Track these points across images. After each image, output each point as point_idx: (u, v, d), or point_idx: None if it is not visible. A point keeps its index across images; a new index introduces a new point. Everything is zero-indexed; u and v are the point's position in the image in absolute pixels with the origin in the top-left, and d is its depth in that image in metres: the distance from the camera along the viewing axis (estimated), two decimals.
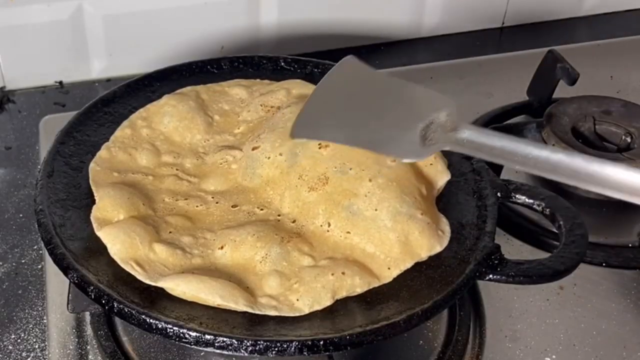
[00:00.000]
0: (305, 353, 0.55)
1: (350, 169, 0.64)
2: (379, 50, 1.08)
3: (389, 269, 0.62)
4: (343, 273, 0.60)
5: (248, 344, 0.54)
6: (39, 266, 0.75)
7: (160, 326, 0.55)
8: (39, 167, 0.67)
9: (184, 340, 0.55)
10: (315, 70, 0.81)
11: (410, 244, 0.62)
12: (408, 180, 0.65)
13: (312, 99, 0.62)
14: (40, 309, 0.71)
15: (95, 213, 0.63)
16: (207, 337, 0.55)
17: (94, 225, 0.62)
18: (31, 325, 0.69)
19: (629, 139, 0.84)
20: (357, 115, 0.60)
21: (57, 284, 0.70)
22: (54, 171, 0.67)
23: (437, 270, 0.63)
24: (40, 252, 0.76)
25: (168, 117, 0.73)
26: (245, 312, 0.57)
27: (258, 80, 0.80)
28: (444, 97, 0.60)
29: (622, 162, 0.51)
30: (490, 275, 0.61)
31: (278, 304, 0.58)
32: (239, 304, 0.57)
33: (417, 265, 0.63)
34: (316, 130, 0.61)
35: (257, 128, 0.72)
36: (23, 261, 0.75)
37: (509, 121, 0.90)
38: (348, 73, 0.64)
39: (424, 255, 0.63)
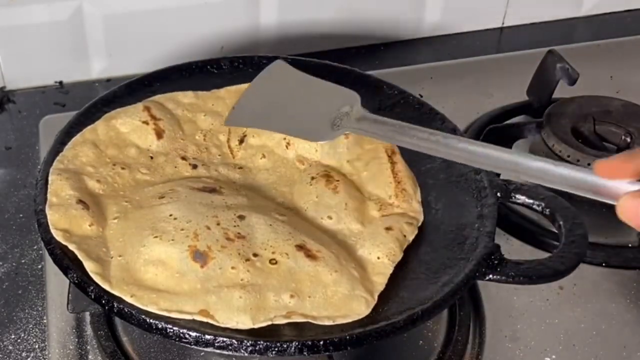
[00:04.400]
0: (305, 353, 0.55)
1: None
2: (379, 50, 1.08)
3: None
4: None
5: (248, 344, 0.54)
6: (39, 266, 0.75)
7: (160, 326, 0.55)
8: (39, 167, 0.67)
9: (184, 340, 0.55)
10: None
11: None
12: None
13: (244, 96, 0.74)
14: (40, 309, 0.71)
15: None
16: (207, 337, 0.55)
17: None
18: (31, 325, 0.69)
19: (628, 139, 0.84)
20: (280, 109, 0.71)
21: (57, 284, 0.70)
22: None
23: (437, 270, 0.63)
24: (40, 252, 0.76)
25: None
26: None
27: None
28: (350, 91, 0.70)
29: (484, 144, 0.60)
30: (490, 275, 0.61)
31: None
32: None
33: (417, 266, 0.63)
34: (246, 119, 0.72)
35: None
36: (23, 261, 0.75)
37: (509, 121, 0.90)
38: (276, 74, 0.75)
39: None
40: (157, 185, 0.67)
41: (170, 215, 0.62)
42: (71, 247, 0.59)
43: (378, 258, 0.63)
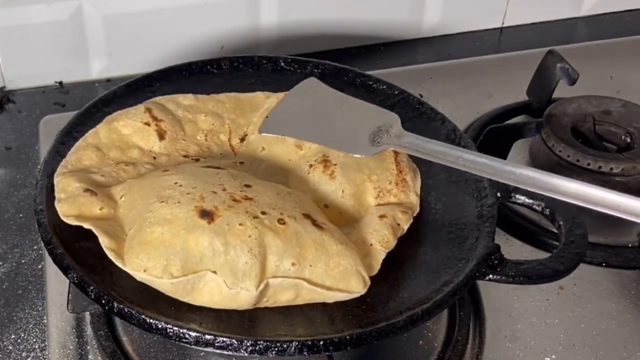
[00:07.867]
0: (305, 353, 0.55)
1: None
2: (379, 50, 1.08)
3: None
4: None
5: (248, 344, 0.54)
6: (39, 266, 0.75)
7: (160, 326, 0.55)
8: (39, 167, 0.67)
9: (184, 340, 0.55)
10: (315, 70, 0.81)
11: None
12: None
13: (278, 107, 0.73)
14: (40, 309, 0.71)
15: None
16: (207, 337, 0.55)
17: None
18: (31, 325, 0.70)
19: (628, 139, 0.84)
20: (316, 121, 0.72)
21: (57, 284, 0.70)
22: (54, 171, 0.67)
23: (437, 270, 0.63)
24: (40, 252, 0.76)
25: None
26: (245, 312, 0.58)
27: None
28: (389, 112, 0.72)
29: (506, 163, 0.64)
30: (490, 275, 0.61)
31: None
32: None
33: (417, 266, 0.63)
34: (280, 128, 0.71)
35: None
36: (23, 261, 0.75)
37: (508, 121, 0.90)
38: (309, 90, 0.76)
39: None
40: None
41: (176, 183, 0.62)
42: (86, 225, 0.60)
43: (371, 245, 0.63)
